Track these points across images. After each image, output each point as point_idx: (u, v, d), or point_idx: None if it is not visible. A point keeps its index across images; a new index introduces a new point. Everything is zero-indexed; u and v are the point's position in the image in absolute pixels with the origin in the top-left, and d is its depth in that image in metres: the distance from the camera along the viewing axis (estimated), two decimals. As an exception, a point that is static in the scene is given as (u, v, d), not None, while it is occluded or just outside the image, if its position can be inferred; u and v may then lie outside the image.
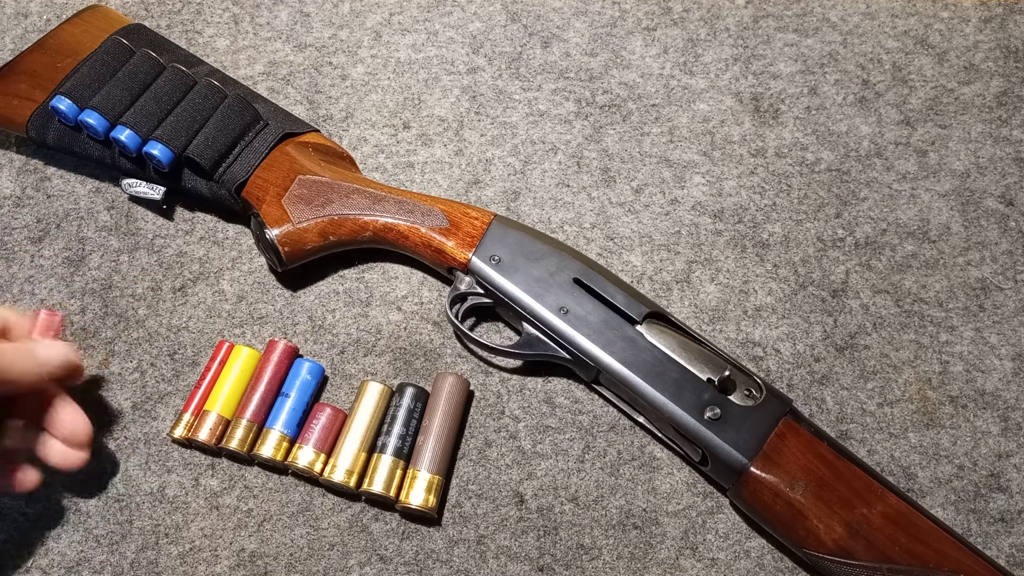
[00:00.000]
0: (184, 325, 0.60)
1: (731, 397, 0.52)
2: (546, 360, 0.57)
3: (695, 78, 0.70)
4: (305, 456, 0.54)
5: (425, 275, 0.62)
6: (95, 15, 0.65)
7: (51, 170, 0.65)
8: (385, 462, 0.54)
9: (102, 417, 0.57)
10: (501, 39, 0.72)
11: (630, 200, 0.65)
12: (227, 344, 0.58)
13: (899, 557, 0.48)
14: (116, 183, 0.64)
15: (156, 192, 0.60)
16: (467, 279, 0.58)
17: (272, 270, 0.62)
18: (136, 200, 0.64)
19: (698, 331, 0.59)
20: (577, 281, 0.55)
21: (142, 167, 0.60)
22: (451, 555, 0.54)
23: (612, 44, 0.72)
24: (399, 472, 0.54)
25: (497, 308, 0.59)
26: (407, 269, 0.63)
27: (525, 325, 0.56)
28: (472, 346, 0.60)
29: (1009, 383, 0.60)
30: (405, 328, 0.60)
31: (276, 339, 0.57)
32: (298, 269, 0.60)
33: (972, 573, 0.48)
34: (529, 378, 0.59)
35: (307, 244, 0.58)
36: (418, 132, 0.68)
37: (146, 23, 0.69)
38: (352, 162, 0.64)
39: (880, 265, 0.64)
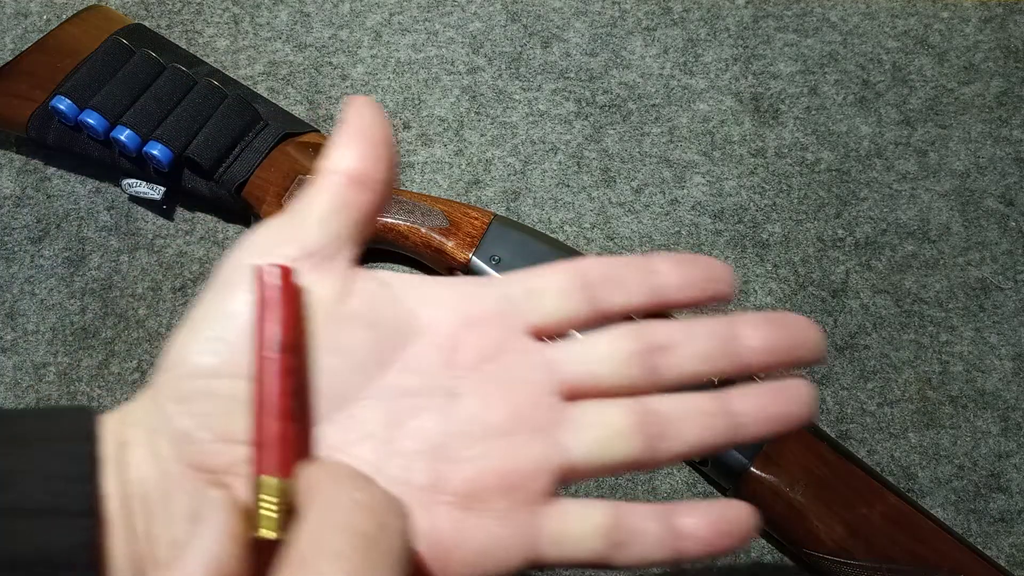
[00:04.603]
0: (184, 325, 0.60)
1: (731, 397, 0.52)
2: (546, 360, 0.57)
3: (695, 78, 0.70)
4: (305, 456, 0.54)
5: (425, 275, 0.62)
6: (95, 15, 0.65)
7: (51, 170, 0.65)
8: (385, 462, 0.53)
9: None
10: (501, 39, 0.72)
11: (630, 200, 0.65)
12: None
13: (899, 557, 0.48)
14: (116, 183, 0.64)
15: (156, 192, 0.60)
16: (467, 279, 0.57)
17: (272, 270, 0.62)
18: (136, 200, 0.64)
19: (698, 331, 0.59)
20: (577, 281, 0.55)
21: (142, 167, 0.60)
22: (451, 555, 0.54)
23: (612, 44, 0.72)
24: (399, 472, 0.54)
25: (497, 308, 0.59)
26: (407, 269, 0.62)
27: (525, 325, 0.56)
28: (472, 346, 0.59)
29: (1009, 383, 0.60)
30: (405, 328, 0.60)
31: (276, 339, 0.57)
32: (298, 269, 0.60)
33: (972, 573, 0.48)
34: (529, 378, 0.59)
35: (307, 244, 0.58)
36: (418, 132, 0.68)
37: (146, 23, 0.69)
38: (352, 162, 0.64)
39: (880, 265, 0.64)
